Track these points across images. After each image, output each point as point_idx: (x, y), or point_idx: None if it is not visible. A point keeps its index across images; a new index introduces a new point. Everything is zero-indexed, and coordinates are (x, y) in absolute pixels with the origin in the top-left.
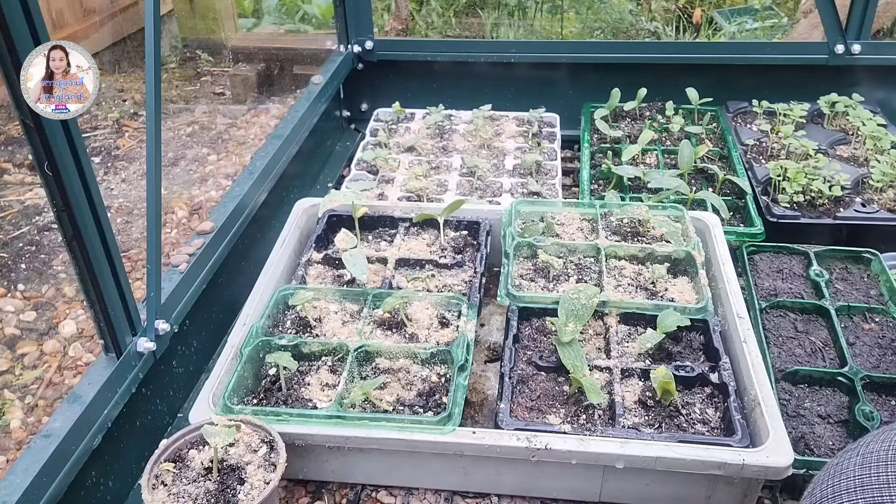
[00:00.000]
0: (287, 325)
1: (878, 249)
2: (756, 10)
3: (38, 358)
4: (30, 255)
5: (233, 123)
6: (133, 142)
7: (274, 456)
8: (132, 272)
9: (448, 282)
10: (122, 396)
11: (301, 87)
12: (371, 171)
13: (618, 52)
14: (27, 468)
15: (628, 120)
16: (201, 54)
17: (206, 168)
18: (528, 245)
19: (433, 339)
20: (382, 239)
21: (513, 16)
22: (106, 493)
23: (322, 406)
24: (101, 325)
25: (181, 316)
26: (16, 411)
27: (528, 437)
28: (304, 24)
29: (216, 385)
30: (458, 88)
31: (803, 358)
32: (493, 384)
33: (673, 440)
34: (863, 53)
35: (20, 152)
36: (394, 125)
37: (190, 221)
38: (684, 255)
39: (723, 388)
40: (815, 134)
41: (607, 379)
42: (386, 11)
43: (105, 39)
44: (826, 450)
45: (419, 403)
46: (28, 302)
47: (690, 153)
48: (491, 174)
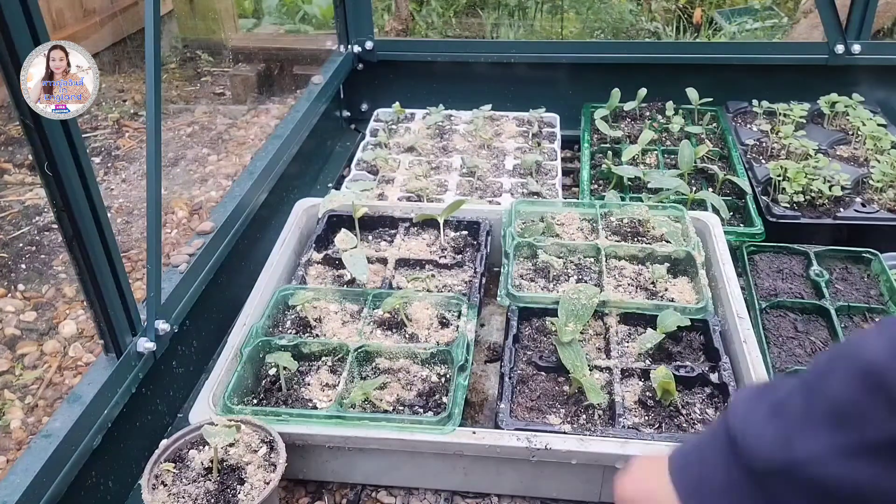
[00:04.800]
0: (287, 325)
1: (879, 249)
2: (756, 10)
3: (38, 358)
4: (30, 255)
5: (233, 124)
6: (133, 142)
7: (274, 456)
8: (132, 272)
9: (448, 282)
10: (122, 396)
11: (301, 87)
12: (371, 172)
13: (618, 52)
14: (27, 468)
15: (628, 120)
16: (201, 54)
17: (206, 168)
18: (528, 245)
19: (433, 339)
20: (382, 239)
21: (513, 16)
22: (106, 493)
23: (322, 406)
24: (101, 326)
25: (181, 316)
26: (16, 411)
27: (528, 437)
28: (304, 24)
29: (216, 385)
30: (458, 88)
31: (803, 358)
32: (493, 384)
33: (673, 440)
34: (863, 53)
35: (20, 152)
36: (394, 125)
37: (190, 221)
38: (684, 255)
39: (723, 388)
40: (815, 134)
41: (607, 379)
42: (386, 11)
43: (105, 39)
44: None
45: (419, 403)
46: (28, 302)
47: (690, 153)
48: (491, 174)
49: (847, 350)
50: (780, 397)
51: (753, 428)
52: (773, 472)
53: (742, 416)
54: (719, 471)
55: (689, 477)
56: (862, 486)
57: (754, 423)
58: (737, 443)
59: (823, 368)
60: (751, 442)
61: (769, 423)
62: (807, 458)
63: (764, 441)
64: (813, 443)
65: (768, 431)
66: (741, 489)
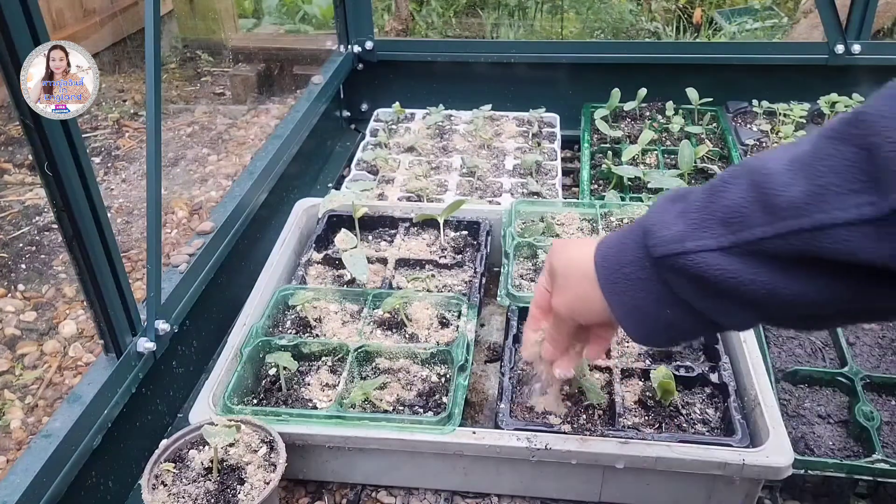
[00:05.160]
0: (287, 325)
1: None
2: (756, 10)
3: (38, 358)
4: (30, 255)
5: (233, 124)
6: (133, 142)
7: (274, 456)
8: (132, 272)
9: (448, 282)
10: (122, 396)
11: (301, 87)
12: (371, 172)
13: (618, 52)
14: (27, 468)
15: (628, 120)
16: (201, 54)
17: (206, 168)
18: (528, 245)
19: (433, 339)
20: (382, 239)
21: (513, 16)
22: (106, 493)
23: (322, 406)
24: (101, 326)
25: (181, 316)
26: (16, 411)
27: (528, 437)
28: (304, 24)
29: (216, 385)
30: (458, 88)
31: (803, 358)
32: (493, 384)
33: (673, 440)
34: (863, 53)
35: (20, 152)
36: (394, 125)
37: (190, 221)
38: None
39: (723, 388)
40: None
41: (607, 379)
42: (386, 11)
43: (105, 39)
44: (826, 450)
45: (419, 403)
46: (28, 302)
47: (690, 153)
48: (491, 174)
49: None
50: (689, 200)
51: (662, 224)
52: (668, 260)
53: (656, 214)
54: (631, 256)
55: (607, 259)
56: (730, 278)
57: (663, 220)
58: (647, 234)
59: (728, 178)
60: (657, 233)
61: (675, 221)
62: (692, 250)
63: (667, 235)
64: (700, 239)
65: (672, 228)
66: (644, 273)
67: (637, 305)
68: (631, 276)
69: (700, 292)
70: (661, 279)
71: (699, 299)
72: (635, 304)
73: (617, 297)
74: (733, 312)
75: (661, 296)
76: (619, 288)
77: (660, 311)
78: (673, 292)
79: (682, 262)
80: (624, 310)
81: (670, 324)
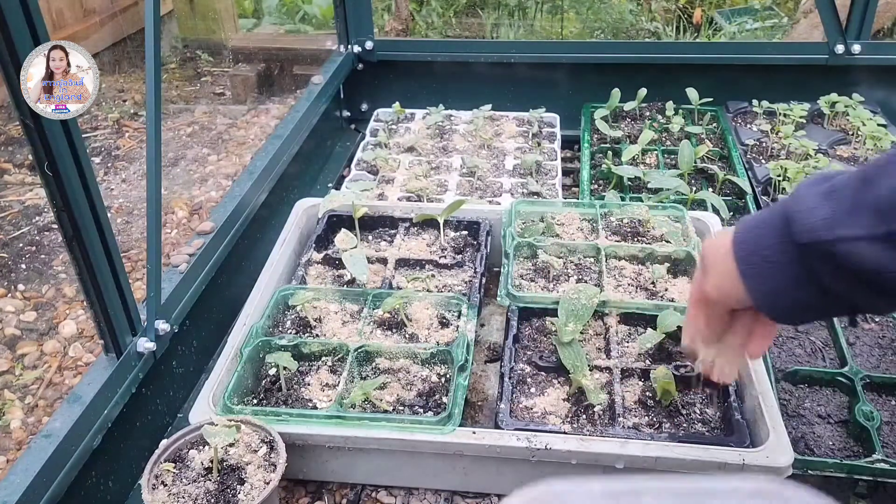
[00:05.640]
0: (287, 325)
1: None
2: (756, 10)
3: (38, 358)
4: (30, 255)
5: (233, 124)
6: (133, 142)
7: (274, 456)
8: (132, 272)
9: (448, 282)
10: (122, 396)
11: (301, 87)
12: (371, 172)
13: (618, 52)
14: (27, 468)
15: (628, 120)
16: (201, 54)
17: (206, 168)
18: (528, 245)
19: (433, 339)
20: (382, 239)
21: (513, 16)
22: (106, 493)
23: (322, 406)
24: (101, 326)
25: (181, 316)
26: (16, 411)
27: (528, 437)
28: (304, 24)
29: (216, 385)
30: (458, 88)
31: (803, 358)
32: (493, 384)
33: (673, 440)
34: (863, 53)
35: (20, 152)
36: (394, 125)
37: (190, 221)
38: (684, 255)
39: (723, 387)
40: (815, 134)
41: (607, 379)
42: (386, 11)
43: (105, 39)
44: (826, 450)
45: (419, 403)
46: (28, 302)
47: (690, 153)
48: (491, 174)
49: None
50: (836, 184)
51: (806, 207)
52: (815, 246)
53: (800, 197)
54: (772, 241)
55: (747, 244)
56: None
57: (808, 203)
58: (790, 218)
59: (882, 166)
60: (802, 217)
61: (821, 204)
62: (844, 238)
63: (813, 218)
64: (852, 226)
65: (818, 212)
66: (787, 259)
67: (774, 288)
68: (770, 258)
69: (845, 278)
70: (805, 264)
71: (843, 285)
72: (772, 286)
73: (751, 280)
74: (873, 298)
75: (800, 279)
76: (753, 270)
77: (798, 293)
78: (813, 276)
79: (830, 249)
80: (760, 292)
81: (808, 305)
